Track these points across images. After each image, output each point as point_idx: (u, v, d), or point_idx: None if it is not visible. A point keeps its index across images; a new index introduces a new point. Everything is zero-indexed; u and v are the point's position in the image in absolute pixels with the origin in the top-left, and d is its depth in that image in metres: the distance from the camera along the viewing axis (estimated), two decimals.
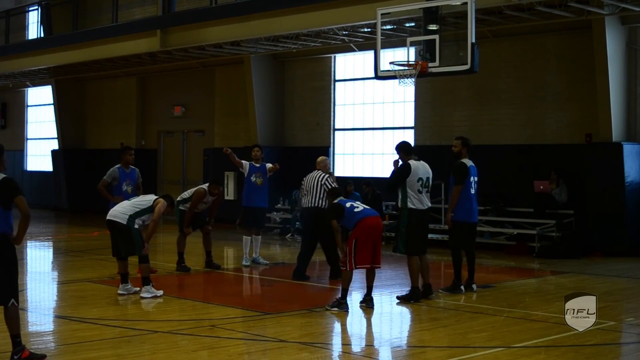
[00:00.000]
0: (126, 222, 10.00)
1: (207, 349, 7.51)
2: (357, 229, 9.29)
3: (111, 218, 10.16)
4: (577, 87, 16.19)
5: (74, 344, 7.64)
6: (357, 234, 9.28)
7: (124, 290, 10.28)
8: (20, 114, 30.20)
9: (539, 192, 15.93)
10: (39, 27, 24.95)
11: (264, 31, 17.47)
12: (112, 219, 10.13)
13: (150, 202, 10.17)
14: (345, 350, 7.86)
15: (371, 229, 9.34)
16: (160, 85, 24.96)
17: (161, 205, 10.12)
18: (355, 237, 9.27)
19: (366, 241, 9.30)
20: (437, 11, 13.09)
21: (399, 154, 10.26)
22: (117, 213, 10.13)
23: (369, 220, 9.37)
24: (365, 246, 9.28)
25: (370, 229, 9.33)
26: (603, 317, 8.63)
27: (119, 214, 10.09)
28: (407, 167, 10.04)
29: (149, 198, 10.35)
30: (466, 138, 11.12)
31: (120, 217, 10.06)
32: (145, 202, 10.23)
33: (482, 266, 13.28)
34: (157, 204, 10.13)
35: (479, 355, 7.45)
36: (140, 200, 10.36)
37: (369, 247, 9.33)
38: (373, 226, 9.38)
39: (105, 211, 12.24)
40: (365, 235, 9.29)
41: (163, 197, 10.47)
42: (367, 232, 9.30)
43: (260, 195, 13.29)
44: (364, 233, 9.28)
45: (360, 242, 9.26)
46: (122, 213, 10.07)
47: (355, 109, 20.25)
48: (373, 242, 9.38)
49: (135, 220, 10.03)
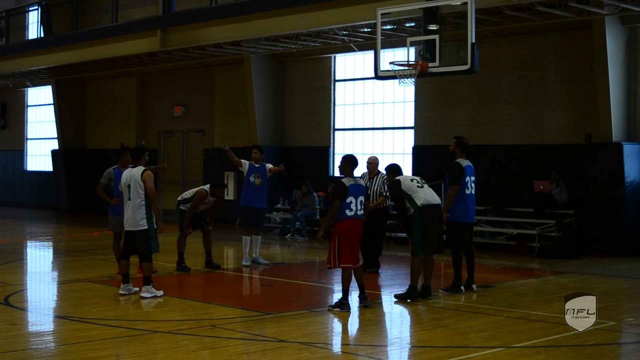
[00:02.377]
0: (147, 223, 9.98)
1: (207, 349, 7.52)
2: (342, 226, 9.35)
3: (131, 228, 10.08)
4: (577, 87, 16.19)
5: (74, 344, 7.65)
6: (341, 231, 9.36)
7: (125, 291, 10.28)
8: (20, 114, 30.20)
9: (539, 192, 15.93)
10: (39, 27, 24.95)
11: (264, 31, 17.47)
12: (133, 230, 10.06)
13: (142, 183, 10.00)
14: (345, 350, 7.87)
15: (355, 231, 9.45)
16: (160, 85, 24.97)
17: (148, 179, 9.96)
18: (339, 234, 9.36)
19: (348, 241, 9.37)
20: (437, 11, 13.10)
21: (389, 175, 10.67)
22: (136, 218, 9.99)
23: (354, 222, 9.42)
24: (347, 245, 9.36)
25: (354, 231, 9.44)
26: (603, 317, 8.64)
27: (138, 218, 9.98)
28: (396, 183, 10.28)
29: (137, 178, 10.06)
30: (461, 137, 11.12)
31: (140, 222, 9.99)
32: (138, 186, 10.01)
33: (482, 266, 13.29)
34: (144, 180, 9.97)
35: (479, 355, 7.45)
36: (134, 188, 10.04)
37: (349, 246, 9.39)
38: (357, 229, 9.49)
39: (105, 212, 12.29)
40: (348, 235, 9.36)
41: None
42: (351, 233, 9.39)
43: (259, 195, 13.27)
44: (347, 233, 9.36)
45: (343, 241, 9.35)
46: (141, 216, 9.98)
47: (355, 109, 20.26)
48: (352, 243, 9.45)
49: (151, 212, 10.02)
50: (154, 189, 10.09)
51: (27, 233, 21.08)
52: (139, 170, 10.10)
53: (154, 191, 10.08)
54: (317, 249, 16.62)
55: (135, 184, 10.04)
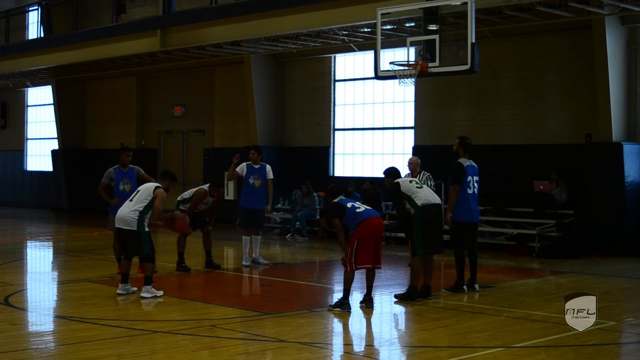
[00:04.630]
0: (136, 225, 9.98)
1: (207, 349, 7.51)
2: (360, 229, 9.28)
3: (121, 226, 10.13)
4: (577, 87, 16.19)
5: (74, 344, 7.64)
6: (359, 234, 9.28)
7: (123, 290, 10.26)
8: (20, 114, 30.20)
9: (539, 192, 15.93)
10: (39, 27, 24.95)
11: (264, 31, 17.47)
12: (122, 227, 10.11)
13: (151, 195, 10.11)
14: (345, 350, 7.86)
15: (373, 229, 9.34)
16: (160, 85, 24.97)
17: (159, 197, 10.07)
18: (358, 238, 9.27)
19: (368, 242, 9.30)
20: (437, 11, 13.10)
21: (387, 178, 10.61)
22: (127, 218, 10.04)
23: (372, 220, 9.36)
24: (367, 247, 9.29)
25: (373, 229, 9.33)
26: (603, 317, 8.63)
27: (129, 219, 10.02)
28: (395, 186, 10.25)
29: (149, 189, 10.23)
30: (464, 137, 11.13)
31: (130, 222, 10.01)
32: (146, 194, 10.14)
33: (482, 266, 13.26)
34: (156, 196, 10.08)
35: (479, 355, 7.45)
36: (141, 195, 10.23)
37: (371, 247, 9.33)
38: (375, 226, 9.37)
39: (105, 211, 12.30)
40: (367, 236, 9.28)
41: (162, 176, 10.66)
42: (369, 232, 9.30)
43: (258, 196, 13.25)
44: (366, 233, 9.28)
45: (363, 243, 9.26)
46: (132, 217, 10.02)
47: (355, 109, 20.25)
48: (375, 243, 9.39)
49: (145, 218, 10.03)
50: (160, 209, 10.13)
51: (27, 233, 21.08)
52: (154, 184, 10.27)
53: (159, 211, 10.12)
54: (317, 249, 16.63)
55: (145, 192, 10.11)
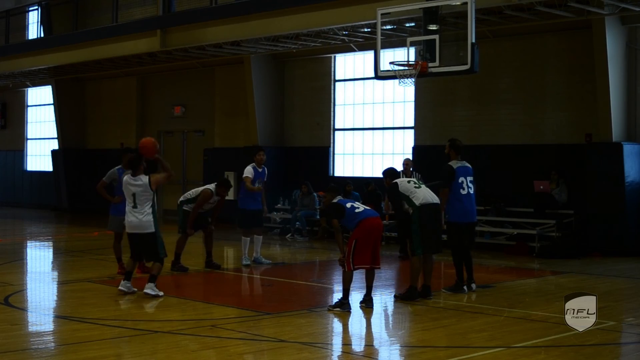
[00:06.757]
0: (153, 226, 9.93)
1: (207, 349, 7.52)
2: (358, 229, 9.28)
3: (136, 231, 10.02)
4: (577, 87, 16.18)
5: (74, 344, 7.64)
6: (358, 234, 9.28)
7: (124, 287, 10.22)
8: (20, 114, 30.20)
9: (539, 192, 15.93)
10: (39, 27, 24.97)
11: (264, 31, 17.47)
12: (137, 232, 10.02)
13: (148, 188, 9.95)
14: (345, 350, 7.86)
15: (372, 229, 9.33)
16: (160, 85, 24.96)
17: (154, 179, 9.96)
18: (356, 238, 9.27)
19: (367, 242, 9.29)
20: (437, 11, 13.11)
21: (386, 179, 10.72)
22: (143, 224, 9.93)
23: (370, 221, 9.36)
24: (365, 247, 9.28)
25: (371, 229, 9.33)
26: (603, 317, 8.63)
27: (145, 223, 9.92)
28: (394, 186, 10.30)
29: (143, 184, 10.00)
30: (454, 139, 11.15)
31: (146, 225, 9.93)
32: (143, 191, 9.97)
33: (482, 266, 13.29)
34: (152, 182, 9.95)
35: (479, 355, 7.45)
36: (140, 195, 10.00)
37: (369, 248, 9.33)
38: (374, 227, 9.37)
39: (105, 211, 12.29)
40: (366, 236, 9.28)
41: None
42: (368, 232, 9.30)
43: (258, 198, 13.33)
44: (364, 234, 9.27)
45: (361, 243, 9.26)
46: (148, 220, 9.92)
47: (355, 109, 20.25)
48: (373, 243, 9.39)
49: (156, 214, 10.00)
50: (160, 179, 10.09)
51: (27, 233, 21.07)
52: (145, 177, 10.01)
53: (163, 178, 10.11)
54: (317, 249, 16.63)
55: (142, 190, 9.97)
